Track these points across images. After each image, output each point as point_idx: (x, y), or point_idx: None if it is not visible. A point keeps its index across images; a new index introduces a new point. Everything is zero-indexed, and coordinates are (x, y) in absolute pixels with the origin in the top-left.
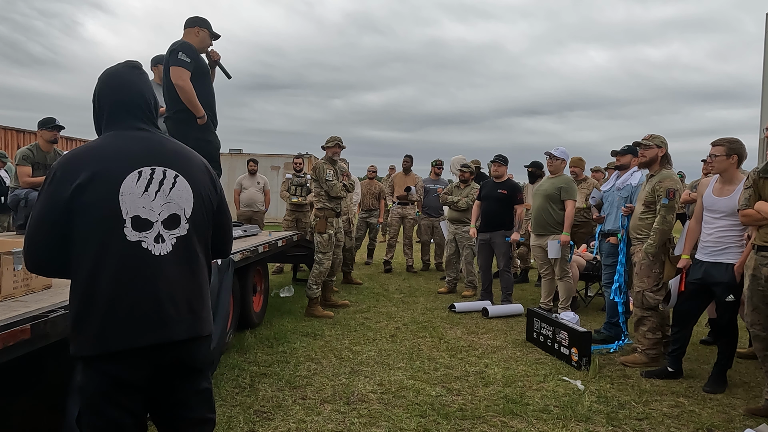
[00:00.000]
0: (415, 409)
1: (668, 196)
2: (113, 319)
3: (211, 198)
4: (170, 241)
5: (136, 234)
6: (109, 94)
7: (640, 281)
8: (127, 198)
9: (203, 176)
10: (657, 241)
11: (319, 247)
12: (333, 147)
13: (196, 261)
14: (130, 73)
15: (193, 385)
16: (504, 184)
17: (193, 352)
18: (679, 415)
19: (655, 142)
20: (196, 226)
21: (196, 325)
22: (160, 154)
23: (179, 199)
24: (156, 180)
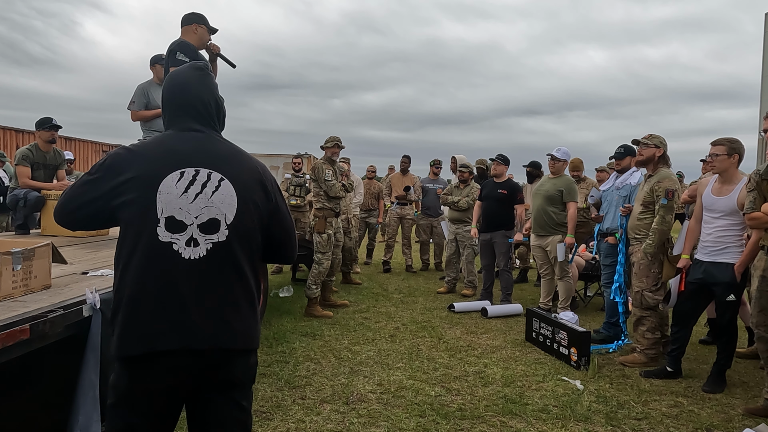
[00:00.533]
0: (415, 409)
1: (667, 196)
2: (134, 321)
3: (260, 205)
4: (205, 245)
5: (168, 235)
6: (169, 95)
7: (639, 281)
8: (164, 197)
9: (253, 183)
10: (656, 241)
11: (318, 247)
12: (332, 147)
13: (234, 269)
14: (190, 74)
15: (229, 400)
16: (504, 184)
17: (226, 365)
18: (678, 415)
19: (653, 142)
20: (239, 234)
21: (225, 336)
22: (209, 156)
23: (221, 203)
24: (199, 182)
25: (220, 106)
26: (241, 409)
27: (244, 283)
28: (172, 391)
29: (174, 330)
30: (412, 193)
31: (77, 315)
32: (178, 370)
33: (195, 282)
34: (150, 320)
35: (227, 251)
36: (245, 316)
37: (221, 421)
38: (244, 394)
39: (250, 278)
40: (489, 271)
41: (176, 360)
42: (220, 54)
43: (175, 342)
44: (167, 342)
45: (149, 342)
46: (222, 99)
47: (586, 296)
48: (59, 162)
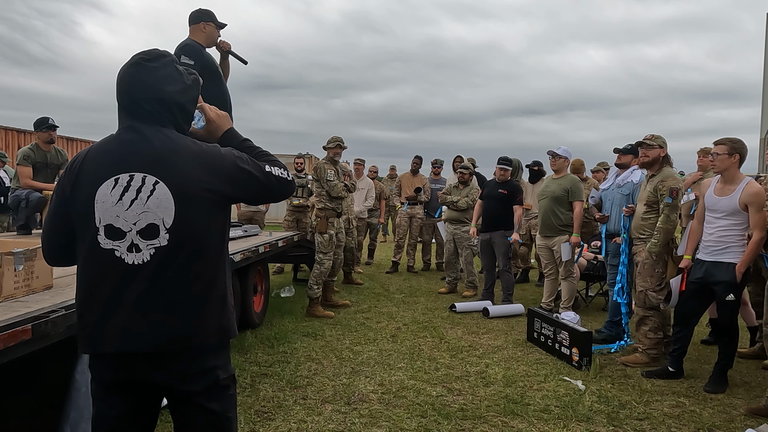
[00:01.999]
0: (416, 409)
1: (671, 195)
2: (84, 322)
3: (210, 189)
4: (147, 251)
5: (109, 242)
6: (117, 93)
7: (643, 281)
8: (100, 206)
9: (195, 174)
10: (661, 240)
11: (319, 247)
12: (334, 147)
13: (180, 272)
14: (124, 72)
15: (194, 405)
16: (504, 184)
17: (176, 368)
18: (680, 415)
19: (657, 142)
20: (181, 236)
21: (173, 338)
22: (143, 159)
23: (157, 208)
24: (133, 188)
25: (167, 99)
26: (211, 413)
27: (192, 284)
28: (127, 389)
29: (116, 332)
30: (422, 194)
31: None
32: (123, 372)
33: (139, 286)
34: (94, 323)
35: (171, 255)
36: (191, 317)
37: (190, 425)
38: (212, 398)
39: (202, 279)
40: (490, 271)
41: (120, 362)
42: (230, 51)
43: (116, 345)
44: (109, 345)
45: (94, 344)
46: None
47: (588, 296)
48: (61, 161)
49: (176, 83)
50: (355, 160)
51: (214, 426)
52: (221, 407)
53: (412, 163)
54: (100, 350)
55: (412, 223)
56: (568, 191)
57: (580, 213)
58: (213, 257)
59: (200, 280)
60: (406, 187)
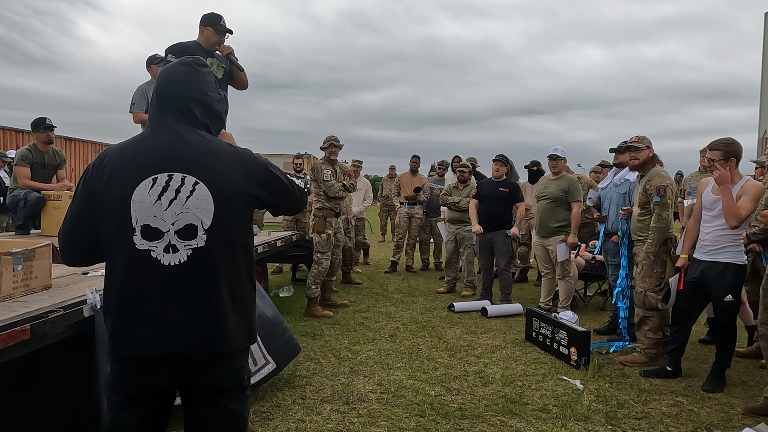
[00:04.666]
0: (415, 409)
1: (659, 193)
2: (119, 326)
3: (244, 199)
4: (185, 251)
5: (145, 243)
6: (155, 90)
7: (642, 281)
8: (137, 206)
9: (231, 175)
10: (656, 239)
11: (317, 247)
12: (328, 147)
13: (216, 273)
14: (174, 69)
15: (216, 405)
16: (505, 183)
17: (209, 369)
18: (678, 414)
19: (645, 144)
20: (219, 237)
21: (210, 340)
22: (183, 158)
23: (196, 209)
24: (172, 187)
25: (208, 104)
26: (230, 413)
27: (228, 286)
28: (156, 393)
29: (154, 336)
30: (422, 194)
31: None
32: (161, 374)
33: (176, 288)
34: (131, 326)
35: (208, 256)
36: (228, 320)
37: (210, 425)
38: (233, 398)
39: (235, 281)
40: (488, 271)
41: (156, 365)
42: (228, 56)
43: (155, 348)
44: (147, 348)
45: (130, 347)
46: (219, 96)
47: (586, 296)
48: (59, 162)
49: (215, 92)
50: (353, 161)
51: (233, 426)
52: (239, 407)
53: (411, 163)
54: (137, 353)
55: (411, 223)
56: (566, 192)
57: (577, 213)
58: (244, 260)
59: (234, 282)
60: (405, 186)
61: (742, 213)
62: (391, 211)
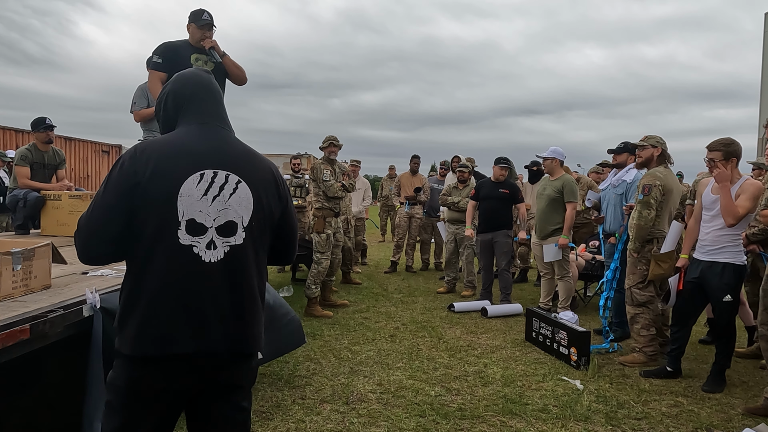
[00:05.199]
0: (415, 409)
1: (643, 191)
2: (153, 322)
3: (272, 208)
4: (223, 248)
5: (189, 238)
6: (191, 90)
7: (628, 278)
8: (185, 200)
9: (268, 184)
10: (635, 236)
11: (317, 247)
12: (328, 147)
13: (250, 272)
14: (208, 75)
15: (231, 402)
16: (505, 184)
17: (235, 368)
18: (678, 415)
19: (650, 142)
20: (254, 236)
21: (242, 339)
22: (226, 157)
23: (238, 206)
24: (217, 184)
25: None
26: (242, 410)
27: (257, 286)
28: (179, 393)
29: (194, 333)
30: (422, 194)
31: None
32: (192, 373)
33: (214, 285)
34: (171, 322)
35: (243, 254)
36: (257, 319)
37: (223, 423)
38: (245, 395)
39: (261, 280)
40: (488, 271)
41: (192, 362)
42: (208, 50)
43: (195, 345)
44: (187, 345)
45: (168, 344)
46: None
47: (586, 296)
48: (58, 162)
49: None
50: (351, 161)
51: (244, 424)
52: (249, 405)
53: (412, 163)
54: (175, 350)
55: (412, 223)
56: (561, 193)
57: (571, 215)
58: (266, 262)
59: (260, 282)
60: (405, 187)
61: (740, 211)
62: (391, 211)
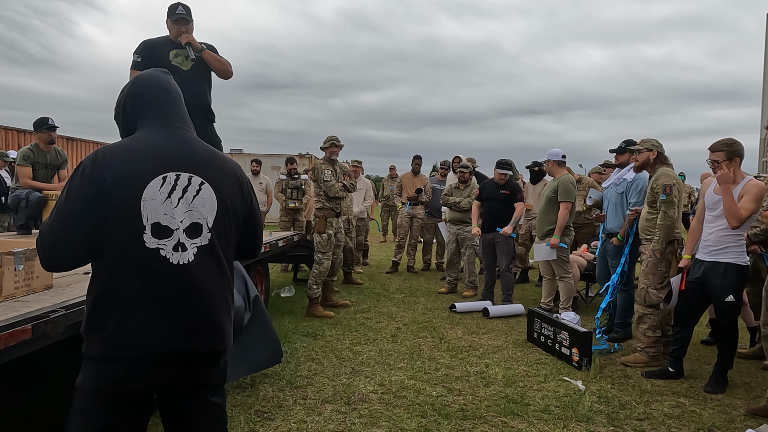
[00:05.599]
0: (416, 410)
1: (665, 191)
2: (125, 324)
3: (237, 207)
4: (192, 250)
5: (155, 241)
6: (152, 92)
7: (645, 278)
8: (149, 204)
9: (231, 185)
10: (662, 237)
11: (318, 247)
12: (329, 147)
13: (217, 272)
14: (168, 77)
15: (203, 399)
16: (506, 185)
17: (206, 366)
18: (680, 416)
19: (645, 146)
20: (220, 236)
21: (215, 337)
22: (189, 158)
23: (202, 207)
24: (180, 186)
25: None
26: (215, 406)
27: (227, 284)
28: (150, 393)
29: (165, 333)
30: (424, 194)
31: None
32: (164, 372)
33: (183, 286)
34: (143, 324)
35: (211, 254)
36: (226, 317)
37: (196, 420)
38: (217, 392)
39: (230, 279)
40: (491, 271)
41: (164, 362)
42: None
43: (167, 345)
44: (158, 345)
45: (143, 345)
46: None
47: (588, 296)
48: (60, 162)
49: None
50: (353, 161)
51: (219, 419)
52: (222, 401)
53: (413, 164)
54: (151, 350)
55: (413, 224)
56: (557, 192)
57: (562, 215)
58: (232, 260)
59: (229, 282)
60: (407, 187)
61: (743, 213)
62: (392, 211)
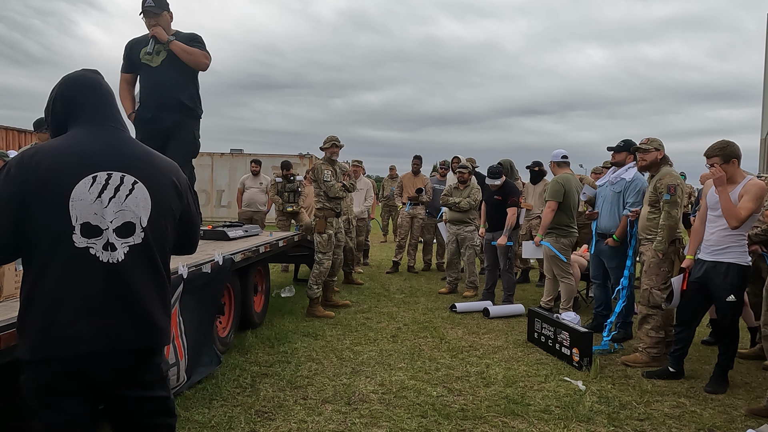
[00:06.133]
0: (417, 410)
1: (669, 191)
2: (53, 325)
3: (173, 207)
4: (122, 249)
5: (84, 240)
6: (81, 92)
7: (648, 279)
8: (77, 204)
9: (166, 183)
10: (665, 237)
11: (319, 247)
12: (330, 147)
13: (152, 271)
14: (97, 76)
15: (145, 394)
16: (499, 191)
17: (139, 363)
18: (681, 416)
19: (653, 146)
20: (154, 235)
21: (145, 334)
22: (121, 158)
23: (135, 206)
24: (111, 186)
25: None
26: (161, 399)
27: (161, 283)
28: (88, 391)
29: (94, 332)
30: (424, 194)
31: None
32: (98, 370)
33: (114, 284)
34: (72, 323)
35: (144, 253)
36: (160, 315)
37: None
38: (157, 387)
39: (165, 278)
40: (492, 271)
41: (98, 360)
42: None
43: (96, 343)
44: (88, 344)
45: (73, 344)
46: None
47: (588, 296)
48: None
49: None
50: (353, 161)
51: (165, 410)
52: (167, 393)
53: (413, 164)
54: (80, 350)
55: (414, 224)
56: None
57: (546, 213)
58: (169, 260)
59: (164, 280)
60: (407, 187)
61: (742, 213)
62: (393, 211)
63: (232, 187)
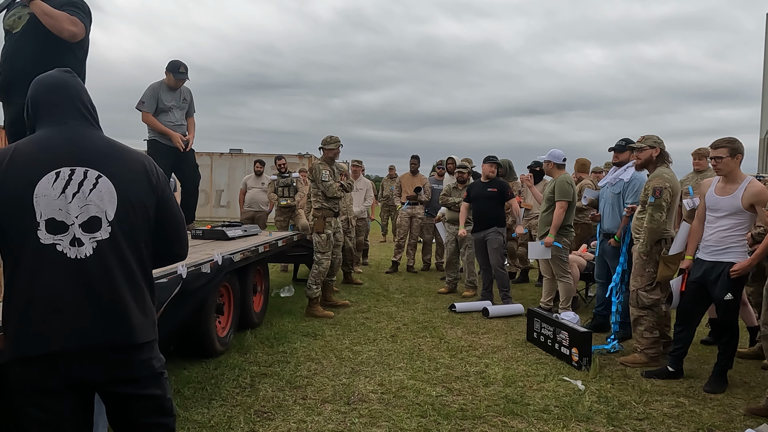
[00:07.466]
0: (416, 409)
1: (654, 194)
2: (26, 323)
3: (143, 199)
4: (90, 244)
5: (50, 237)
6: (43, 94)
7: (634, 280)
8: (41, 200)
9: (135, 177)
10: (647, 239)
11: (317, 247)
12: (334, 148)
13: (123, 265)
14: (62, 75)
15: (137, 392)
16: (493, 183)
17: (122, 360)
18: (680, 415)
19: (647, 143)
20: (123, 229)
21: (119, 331)
22: (84, 153)
23: (100, 201)
24: (75, 181)
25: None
26: (154, 398)
27: (134, 278)
28: (73, 388)
29: (67, 330)
30: (423, 194)
31: None
32: (76, 368)
33: (84, 281)
34: (43, 322)
35: (113, 248)
36: (137, 309)
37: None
38: (150, 385)
39: (139, 273)
40: (487, 270)
41: (73, 358)
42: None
43: (71, 341)
44: (62, 342)
45: (45, 343)
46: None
47: (588, 296)
48: None
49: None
50: (353, 162)
51: (159, 409)
52: (162, 391)
53: (411, 164)
54: (52, 348)
55: (413, 223)
56: (554, 192)
57: (557, 213)
58: (147, 256)
59: (140, 274)
60: (406, 187)
61: None
62: (392, 211)
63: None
